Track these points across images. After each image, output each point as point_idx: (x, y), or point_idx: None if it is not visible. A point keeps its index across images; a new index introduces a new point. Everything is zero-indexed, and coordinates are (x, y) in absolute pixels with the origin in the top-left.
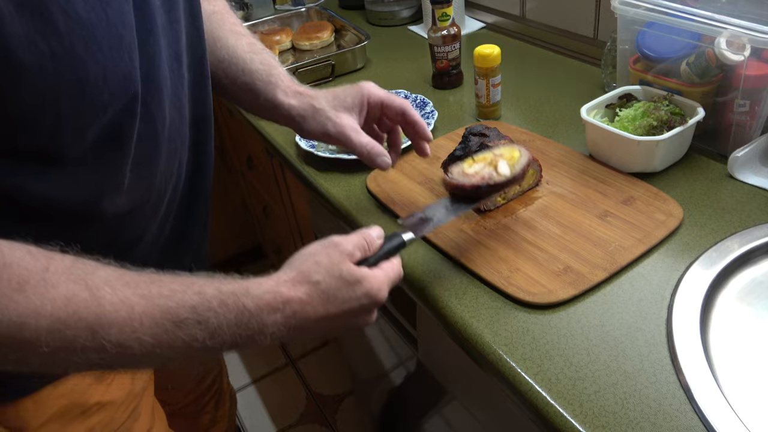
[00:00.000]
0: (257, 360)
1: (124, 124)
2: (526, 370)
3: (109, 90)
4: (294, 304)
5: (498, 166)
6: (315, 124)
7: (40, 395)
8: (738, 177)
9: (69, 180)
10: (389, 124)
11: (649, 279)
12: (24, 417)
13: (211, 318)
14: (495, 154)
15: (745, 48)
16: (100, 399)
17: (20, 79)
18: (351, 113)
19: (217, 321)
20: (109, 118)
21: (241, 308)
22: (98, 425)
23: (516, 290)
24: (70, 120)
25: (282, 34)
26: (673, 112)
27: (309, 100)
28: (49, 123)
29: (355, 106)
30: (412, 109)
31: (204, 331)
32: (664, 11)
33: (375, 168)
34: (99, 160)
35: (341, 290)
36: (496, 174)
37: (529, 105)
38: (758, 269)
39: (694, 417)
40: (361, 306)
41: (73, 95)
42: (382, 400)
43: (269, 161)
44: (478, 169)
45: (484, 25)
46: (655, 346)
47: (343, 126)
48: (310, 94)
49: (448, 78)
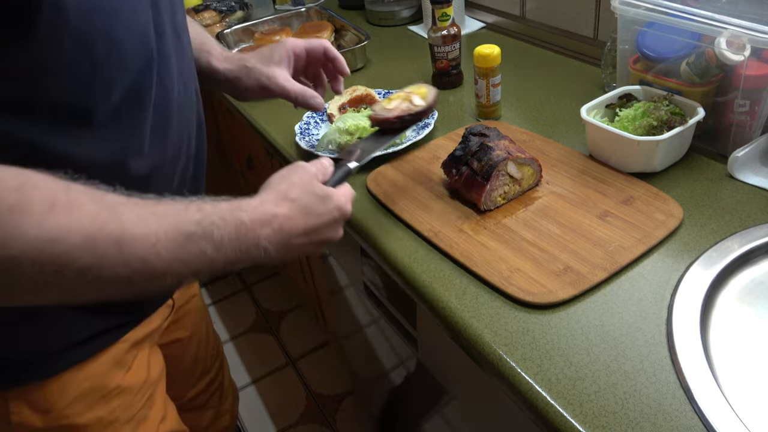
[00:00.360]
0: (257, 360)
1: (143, 87)
2: (526, 370)
3: (131, 47)
4: (280, 218)
5: (412, 100)
6: (250, 81)
7: (65, 377)
8: (738, 177)
9: (96, 139)
10: (313, 70)
11: (649, 279)
12: (50, 398)
13: (214, 231)
14: (407, 92)
15: (745, 48)
16: (120, 383)
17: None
18: (281, 66)
19: (219, 234)
20: (131, 79)
21: (238, 222)
22: (118, 409)
23: (516, 290)
24: (101, 73)
25: (282, 34)
26: (673, 112)
27: (241, 62)
28: (83, 74)
29: (283, 60)
30: (332, 46)
31: (210, 243)
32: (664, 11)
33: (310, 109)
34: (123, 122)
35: (316, 205)
36: (413, 106)
37: (529, 105)
38: (758, 269)
39: (694, 417)
40: (333, 219)
41: (103, 48)
42: (382, 400)
43: (269, 161)
44: (397, 104)
45: (484, 25)
46: (655, 346)
47: (276, 77)
48: (241, 57)
49: (448, 78)
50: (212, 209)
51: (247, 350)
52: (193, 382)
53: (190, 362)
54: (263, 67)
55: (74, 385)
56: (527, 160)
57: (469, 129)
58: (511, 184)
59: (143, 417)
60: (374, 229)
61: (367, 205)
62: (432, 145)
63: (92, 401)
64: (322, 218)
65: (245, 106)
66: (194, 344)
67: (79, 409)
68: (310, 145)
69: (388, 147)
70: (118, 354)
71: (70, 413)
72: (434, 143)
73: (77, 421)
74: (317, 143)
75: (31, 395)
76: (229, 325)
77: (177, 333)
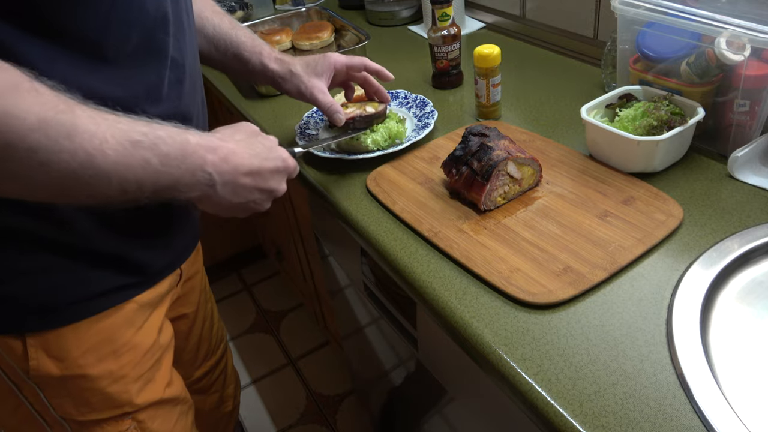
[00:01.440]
0: (257, 360)
1: (160, 38)
2: (526, 370)
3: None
4: (226, 149)
5: (366, 108)
6: (291, 85)
7: (79, 328)
8: (738, 177)
9: (115, 78)
10: (348, 84)
11: (649, 279)
12: (65, 347)
13: (160, 144)
14: (362, 103)
15: (745, 48)
16: (130, 340)
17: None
18: (321, 78)
19: (165, 148)
20: (149, 25)
21: (184, 141)
22: (128, 365)
23: (516, 290)
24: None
25: (282, 34)
26: (673, 112)
27: (288, 66)
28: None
29: (324, 72)
30: (371, 62)
31: (155, 156)
32: (664, 11)
33: (331, 121)
34: (141, 66)
35: (261, 149)
36: (364, 112)
37: (529, 105)
38: (758, 269)
39: (694, 417)
40: (276, 167)
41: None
42: (382, 400)
43: None
44: (351, 110)
45: (484, 25)
46: (655, 346)
47: (314, 88)
48: (288, 61)
49: (448, 78)
50: (160, 126)
51: (247, 350)
52: (199, 363)
53: (195, 340)
54: (306, 76)
55: (87, 337)
56: (527, 160)
57: (469, 129)
58: (511, 184)
59: (150, 378)
60: (374, 229)
61: (367, 205)
62: (432, 145)
63: (104, 354)
64: (266, 163)
65: (245, 106)
66: (199, 322)
67: (92, 360)
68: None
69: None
70: (129, 313)
71: (83, 363)
72: (434, 143)
73: (90, 372)
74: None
75: (48, 342)
76: (229, 325)
77: (183, 308)
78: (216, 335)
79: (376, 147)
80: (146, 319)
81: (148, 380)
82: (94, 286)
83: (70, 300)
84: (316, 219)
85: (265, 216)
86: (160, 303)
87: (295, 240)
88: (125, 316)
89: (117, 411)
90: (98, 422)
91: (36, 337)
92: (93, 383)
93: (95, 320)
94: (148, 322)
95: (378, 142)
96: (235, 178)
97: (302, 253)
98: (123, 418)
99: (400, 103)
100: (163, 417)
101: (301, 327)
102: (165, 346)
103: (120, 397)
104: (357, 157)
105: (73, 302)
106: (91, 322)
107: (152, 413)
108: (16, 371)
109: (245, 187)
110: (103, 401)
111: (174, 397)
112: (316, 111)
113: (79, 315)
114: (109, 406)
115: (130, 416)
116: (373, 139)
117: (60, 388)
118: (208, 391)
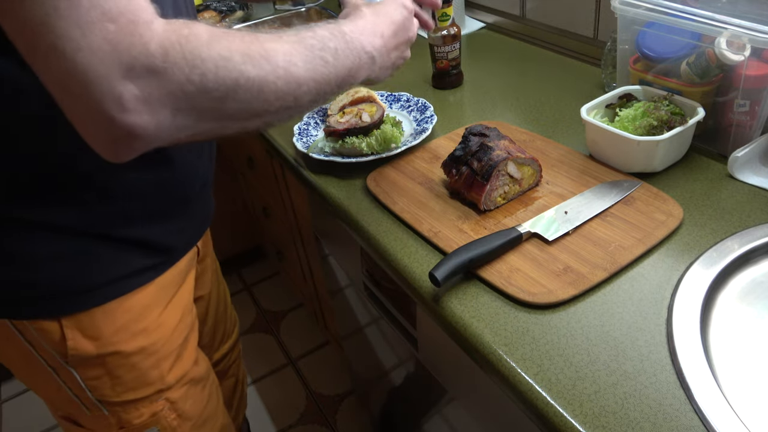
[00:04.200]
0: (257, 360)
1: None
2: (526, 370)
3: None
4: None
5: (362, 116)
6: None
7: (109, 307)
8: (738, 177)
9: None
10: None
11: (649, 279)
12: (98, 326)
13: (328, 43)
14: (359, 108)
15: (745, 48)
16: (158, 318)
17: None
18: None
19: (333, 44)
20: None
21: (342, 32)
22: (159, 341)
23: (516, 290)
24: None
25: None
26: (673, 112)
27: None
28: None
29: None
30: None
31: (329, 53)
32: (664, 11)
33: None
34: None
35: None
36: (360, 121)
37: (529, 105)
38: (758, 269)
39: (694, 417)
40: (403, 18)
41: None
42: (382, 400)
43: (269, 162)
44: (348, 118)
45: (484, 25)
46: (655, 346)
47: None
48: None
49: (448, 78)
50: (319, 29)
51: (248, 350)
52: (216, 346)
53: (212, 323)
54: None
55: (118, 315)
56: (527, 160)
57: (469, 129)
58: (511, 184)
59: (180, 355)
60: (374, 229)
61: (367, 205)
62: (432, 145)
63: (135, 332)
64: (396, 17)
65: None
66: (213, 304)
67: (124, 337)
68: (305, 146)
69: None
70: (155, 292)
71: (116, 340)
72: (434, 143)
73: (123, 348)
74: (310, 144)
75: (81, 323)
76: None
77: (198, 291)
78: (230, 318)
79: (371, 151)
80: (172, 297)
81: (178, 357)
82: (119, 269)
83: (98, 283)
84: (316, 219)
85: (265, 217)
86: (183, 281)
87: (295, 240)
88: (151, 295)
89: (150, 389)
90: (133, 403)
91: (70, 318)
92: (127, 359)
93: (123, 300)
94: (174, 300)
95: (373, 145)
96: (385, 46)
97: (302, 253)
98: (157, 399)
99: (401, 107)
100: (194, 398)
101: (301, 327)
102: (191, 325)
103: (152, 374)
104: (350, 160)
105: (101, 285)
106: (120, 302)
107: (184, 393)
108: (53, 356)
109: (394, 48)
110: (136, 378)
111: (202, 377)
112: (316, 112)
113: (107, 297)
114: (143, 383)
115: (163, 397)
116: (368, 143)
117: (96, 367)
118: (226, 375)
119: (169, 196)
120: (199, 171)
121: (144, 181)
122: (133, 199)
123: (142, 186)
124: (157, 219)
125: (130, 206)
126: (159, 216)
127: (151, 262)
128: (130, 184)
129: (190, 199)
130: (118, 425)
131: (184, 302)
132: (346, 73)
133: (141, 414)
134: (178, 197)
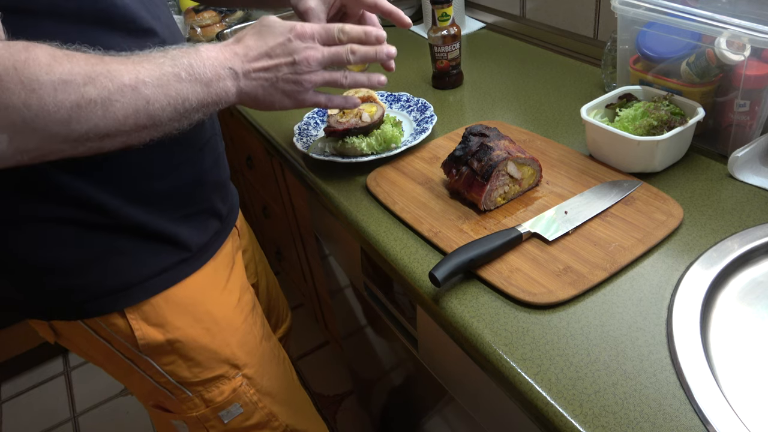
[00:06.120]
0: None
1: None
2: (526, 370)
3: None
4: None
5: (362, 116)
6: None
7: (167, 294)
8: (738, 177)
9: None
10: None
11: (649, 279)
12: (161, 313)
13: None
14: (359, 108)
15: (745, 48)
16: (218, 299)
17: None
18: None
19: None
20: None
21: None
22: (222, 320)
23: (516, 290)
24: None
25: None
26: (673, 112)
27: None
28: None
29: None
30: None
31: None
32: (664, 11)
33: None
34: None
35: (266, 29)
36: (360, 122)
37: (529, 105)
38: (758, 269)
39: (694, 417)
40: (288, 39)
41: None
42: (382, 400)
43: (269, 161)
44: (348, 118)
45: (484, 25)
46: (655, 346)
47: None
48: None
49: (448, 78)
50: (170, 48)
51: None
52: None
53: (265, 308)
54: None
55: (177, 300)
56: (527, 160)
57: (469, 129)
58: (511, 184)
59: (246, 331)
60: (374, 229)
61: (367, 205)
62: (432, 145)
63: (198, 315)
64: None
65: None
66: (264, 291)
67: (189, 320)
68: (305, 146)
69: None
70: (208, 275)
71: (180, 325)
72: (434, 143)
73: (189, 331)
74: (310, 145)
75: (145, 313)
76: None
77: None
78: (282, 305)
79: (371, 151)
80: (227, 279)
81: (244, 334)
82: (172, 257)
83: (152, 273)
84: (316, 219)
85: (265, 216)
86: (233, 263)
87: (294, 240)
88: (206, 277)
89: (224, 366)
90: (212, 381)
91: (133, 309)
92: (195, 341)
93: (180, 286)
94: (230, 281)
95: (373, 145)
96: (250, 64)
97: (302, 253)
98: (234, 375)
99: (401, 107)
100: (270, 374)
101: (301, 327)
102: (251, 303)
103: (223, 351)
104: (350, 160)
105: (156, 275)
106: (177, 288)
107: (259, 370)
108: (128, 348)
109: (269, 68)
110: (209, 358)
111: (274, 354)
112: (316, 112)
113: (164, 285)
114: (216, 361)
115: (240, 373)
116: (368, 143)
117: (169, 353)
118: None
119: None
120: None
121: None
122: (159, 199)
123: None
124: (184, 217)
125: (154, 206)
126: (184, 214)
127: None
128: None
129: (225, 184)
130: (204, 405)
131: (239, 282)
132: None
133: (222, 391)
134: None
